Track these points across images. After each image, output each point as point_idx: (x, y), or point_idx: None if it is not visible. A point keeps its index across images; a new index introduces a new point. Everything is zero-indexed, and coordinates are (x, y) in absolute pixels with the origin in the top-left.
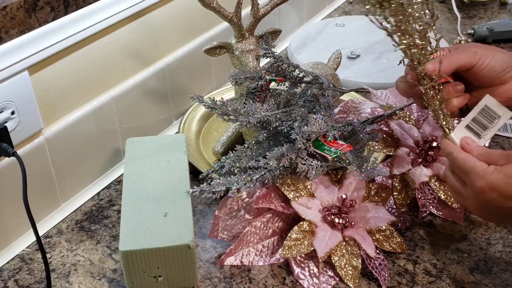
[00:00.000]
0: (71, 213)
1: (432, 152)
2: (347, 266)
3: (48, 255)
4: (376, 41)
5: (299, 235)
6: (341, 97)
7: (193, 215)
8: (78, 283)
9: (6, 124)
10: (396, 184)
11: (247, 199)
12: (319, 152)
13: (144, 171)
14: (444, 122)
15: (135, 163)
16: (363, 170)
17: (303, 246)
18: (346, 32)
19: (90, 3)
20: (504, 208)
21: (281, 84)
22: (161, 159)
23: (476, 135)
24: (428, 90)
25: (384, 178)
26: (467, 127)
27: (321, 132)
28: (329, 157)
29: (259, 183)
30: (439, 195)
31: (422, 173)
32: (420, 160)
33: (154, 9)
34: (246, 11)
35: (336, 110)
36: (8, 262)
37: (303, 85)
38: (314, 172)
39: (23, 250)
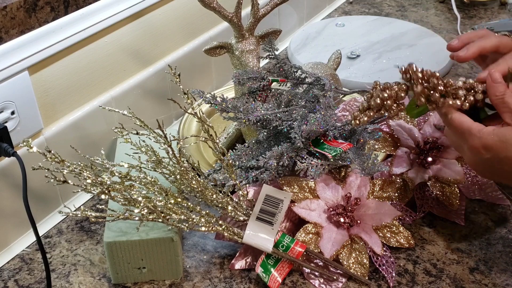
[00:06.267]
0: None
1: (432, 153)
2: (355, 264)
3: (48, 255)
4: (376, 41)
5: (305, 238)
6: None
7: None
8: (78, 283)
9: (6, 124)
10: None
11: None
12: (319, 150)
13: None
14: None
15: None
16: (364, 167)
17: (309, 248)
18: (346, 32)
19: (90, 3)
20: (499, 169)
21: (283, 85)
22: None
23: (269, 224)
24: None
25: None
26: (258, 219)
27: (320, 131)
28: (329, 155)
29: (253, 182)
30: (437, 196)
31: (421, 174)
32: (419, 160)
33: (154, 9)
34: (246, 11)
35: (338, 109)
36: (8, 262)
37: (304, 86)
38: (314, 170)
39: (23, 250)
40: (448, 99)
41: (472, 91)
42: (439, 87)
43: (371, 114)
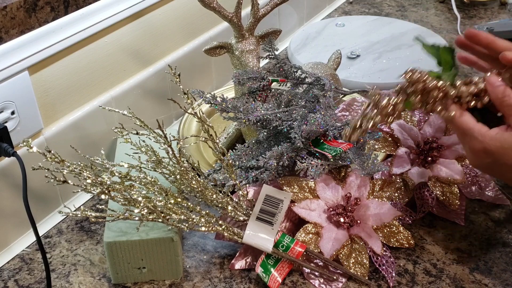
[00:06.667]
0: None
1: (432, 153)
2: (355, 264)
3: (48, 255)
4: (376, 41)
5: (305, 238)
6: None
7: None
8: (78, 283)
9: (6, 124)
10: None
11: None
12: (319, 150)
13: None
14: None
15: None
16: (364, 167)
17: (309, 248)
18: (346, 32)
19: (90, 3)
20: (499, 171)
21: (283, 85)
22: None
23: (269, 224)
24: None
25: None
26: (258, 219)
27: (320, 131)
28: (329, 155)
29: (253, 182)
30: (437, 196)
31: (421, 174)
32: (419, 160)
33: (154, 9)
34: (246, 11)
35: (338, 109)
36: (8, 262)
37: (304, 86)
38: (314, 170)
39: (23, 250)
40: (444, 111)
41: (478, 97)
42: (439, 96)
43: (362, 132)
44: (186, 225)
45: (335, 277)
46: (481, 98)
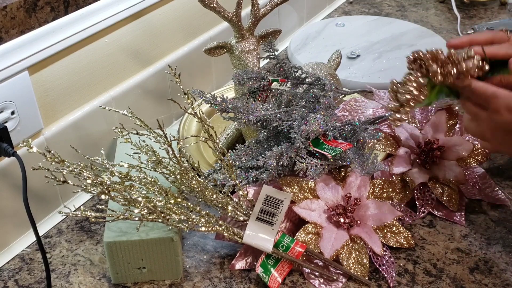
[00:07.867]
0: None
1: (433, 154)
2: (355, 264)
3: (48, 255)
4: (376, 41)
5: (305, 238)
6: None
7: None
8: (78, 283)
9: (6, 124)
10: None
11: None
12: (318, 150)
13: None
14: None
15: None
16: (364, 167)
17: (309, 248)
18: (346, 32)
19: (90, 3)
20: None
21: (283, 85)
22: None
23: (269, 224)
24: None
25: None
26: (258, 219)
27: (320, 131)
28: (329, 155)
29: (253, 182)
30: (438, 196)
31: (422, 174)
32: (420, 161)
33: (154, 9)
34: (246, 11)
35: (338, 109)
36: (8, 262)
37: (305, 86)
38: (313, 170)
39: (23, 250)
40: (466, 79)
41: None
42: (449, 60)
43: (407, 109)
44: (186, 225)
45: (335, 277)
46: (483, 66)
